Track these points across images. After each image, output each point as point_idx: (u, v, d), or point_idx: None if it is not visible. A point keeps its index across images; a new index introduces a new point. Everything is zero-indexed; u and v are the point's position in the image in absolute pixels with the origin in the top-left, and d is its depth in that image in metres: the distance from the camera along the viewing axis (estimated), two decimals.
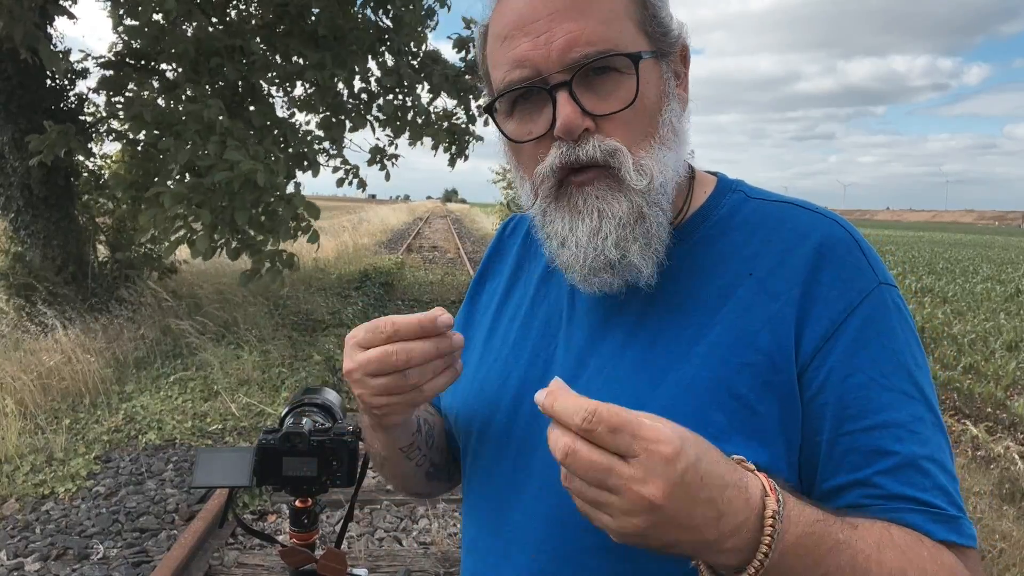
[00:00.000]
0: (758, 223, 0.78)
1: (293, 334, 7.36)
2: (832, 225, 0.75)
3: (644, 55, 0.72)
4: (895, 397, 0.68)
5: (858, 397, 0.68)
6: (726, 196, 0.82)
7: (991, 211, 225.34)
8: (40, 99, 6.95)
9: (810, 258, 0.73)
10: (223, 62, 6.77)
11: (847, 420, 0.68)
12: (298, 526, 1.03)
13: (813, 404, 0.70)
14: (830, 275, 0.72)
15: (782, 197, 0.82)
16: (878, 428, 0.68)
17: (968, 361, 7.59)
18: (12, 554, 3.30)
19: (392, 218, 36.48)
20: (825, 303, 0.71)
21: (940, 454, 0.68)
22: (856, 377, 0.69)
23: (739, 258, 0.76)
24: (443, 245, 22.82)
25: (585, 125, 0.71)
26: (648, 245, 0.73)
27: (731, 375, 0.71)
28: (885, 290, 0.72)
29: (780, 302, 0.72)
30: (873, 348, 0.70)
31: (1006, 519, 3.79)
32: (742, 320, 0.73)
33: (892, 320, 0.71)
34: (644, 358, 0.75)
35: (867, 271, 0.72)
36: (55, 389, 5.28)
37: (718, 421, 0.70)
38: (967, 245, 39.04)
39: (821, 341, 0.70)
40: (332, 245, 15.71)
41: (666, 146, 0.74)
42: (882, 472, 0.67)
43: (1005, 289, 15.15)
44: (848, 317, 0.70)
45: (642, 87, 0.72)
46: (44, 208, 7.17)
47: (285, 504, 3.78)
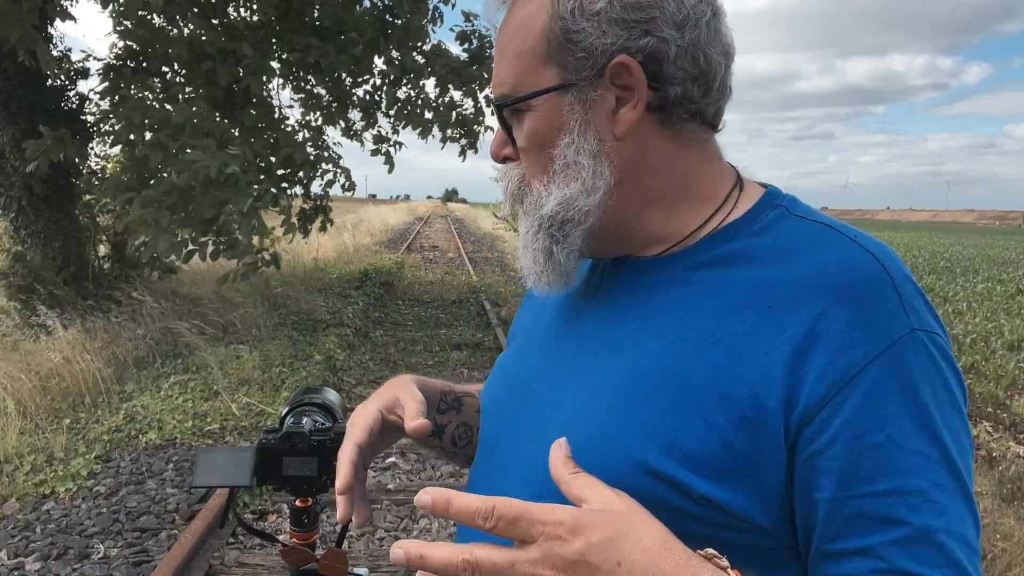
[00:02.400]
0: (787, 244, 0.72)
1: (293, 334, 7.36)
2: (864, 257, 0.67)
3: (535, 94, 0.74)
4: (914, 460, 0.61)
5: (872, 458, 0.61)
6: (766, 211, 0.75)
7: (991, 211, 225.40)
8: (41, 99, 6.95)
9: (829, 293, 0.65)
10: (215, 65, 6.77)
11: (858, 482, 0.61)
12: (299, 526, 1.03)
13: (817, 460, 0.63)
14: (849, 315, 0.64)
15: (826, 219, 0.74)
16: (891, 495, 0.61)
17: (968, 361, 7.59)
18: (12, 554, 3.30)
19: (392, 218, 36.50)
20: (840, 347, 0.63)
21: (960, 526, 0.61)
22: (872, 436, 0.61)
23: (758, 280, 0.70)
24: (443, 245, 22.82)
25: (504, 154, 0.79)
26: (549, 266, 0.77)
27: (712, 404, 0.66)
28: (919, 337, 0.64)
29: (784, 336, 0.65)
30: (894, 403, 0.62)
31: (1007, 519, 3.79)
32: (740, 347, 0.67)
33: (923, 372, 0.63)
34: (633, 366, 0.73)
35: (898, 314, 0.64)
36: (55, 389, 5.28)
37: (689, 447, 0.66)
38: (968, 245, 39.04)
39: (832, 391, 0.62)
40: (332, 245, 15.72)
41: (557, 180, 0.74)
42: (890, 543, 0.60)
43: (1006, 289, 15.15)
44: (867, 366, 0.62)
45: (533, 125, 0.75)
46: (45, 208, 7.18)
47: (285, 504, 3.78)
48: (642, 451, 0.67)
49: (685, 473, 0.65)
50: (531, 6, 0.74)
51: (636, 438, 0.68)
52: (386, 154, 9.03)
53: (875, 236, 0.73)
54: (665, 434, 0.67)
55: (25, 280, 7.09)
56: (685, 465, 0.65)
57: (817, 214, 0.76)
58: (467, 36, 8.73)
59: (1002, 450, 4.99)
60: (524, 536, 0.56)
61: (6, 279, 7.16)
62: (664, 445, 0.66)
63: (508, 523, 0.56)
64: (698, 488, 0.65)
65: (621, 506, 0.58)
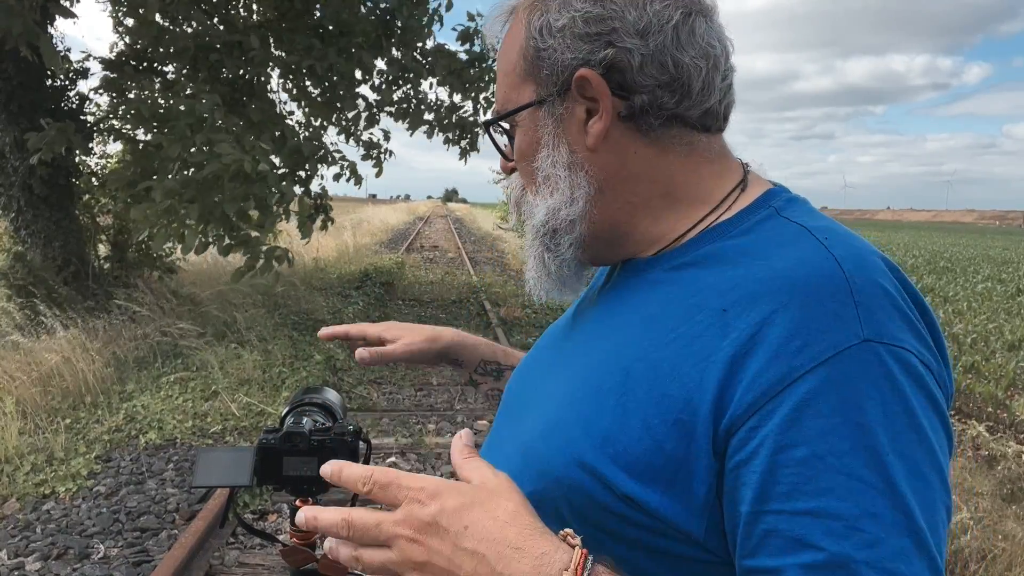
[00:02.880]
0: (758, 245, 0.70)
1: (293, 334, 7.36)
2: (824, 260, 0.63)
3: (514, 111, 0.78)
4: (843, 482, 0.55)
5: (793, 474, 0.56)
6: (757, 212, 0.74)
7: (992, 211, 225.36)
8: (41, 99, 6.95)
9: (777, 296, 0.62)
10: (221, 58, 6.79)
11: (775, 498, 0.57)
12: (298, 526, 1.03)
13: (740, 471, 0.59)
14: (793, 320, 0.60)
15: (810, 220, 0.70)
16: (809, 515, 0.55)
17: (968, 361, 7.59)
18: (12, 554, 3.30)
19: (392, 218, 36.50)
20: (777, 354, 0.59)
21: (895, 563, 0.54)
22: (797, 451, 0.56)
23: (720, 281, 0.68)
24: (444, 245, 22.83)
25: (510, 166, 0.84)
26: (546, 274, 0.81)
27: (650, 404, 0.65)
28: (872, 348, 0.58)
29: (727, 340, 0.62)
30: (828, 418, 0.56)
31: (1007, 519, 3.79)
32: (687, 349, 0.65)
33: (872, 388, 0.57)
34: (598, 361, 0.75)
35: (850, 322, 0.59)
36: (55, 389, 5.28)
37: (623, 444, 0.66)
38: (968, 245, 39.05)
39: (762, 399, 0.58)
40: (332, 245, 15.72)
41: (540, 192, 0.78)
42: (801, 567, 0.55)
43: (1006, 289, 15.16)
44: (804, 375, 0.57)
45: (518, 141, 0.80)
46: (45, 208, 7.17)
47: (285, 504, 3.78)
48: (580, 445, 0.69)
49: (614, 471, 0.66)
50: (516, 28, 0.78)
51: (578, 432, 0.70)
52: (376, 159, 9.05)
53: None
54: (603, 430, 0.68)
55: (25, 280, 7.09)
56: (616, 463, 0.66)
57: (809, 215, 0.72)
58: (469, 35, 8.73)
59: (1002, 450, 4.99)
60: (392, 500, 0.61)
61: (6, 279, 7.16)
62: (600, 441, 0.67)
63: (381, 488, 0.61)
64: (624, 487, 0.65)
65: (492, 483, 0.62)
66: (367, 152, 9.03)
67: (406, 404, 5.70)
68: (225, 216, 6.03)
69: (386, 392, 5.99)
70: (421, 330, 1.15)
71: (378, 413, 5.33)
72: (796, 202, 0.75)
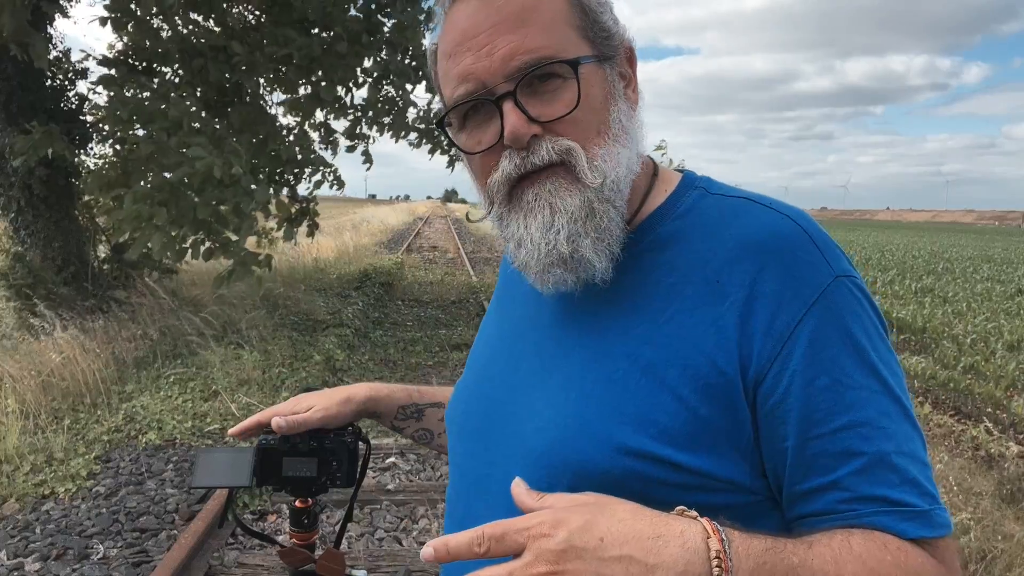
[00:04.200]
0: (713, 220, 0.77)
1: (293, 334, 7.36)
2: (781, 220, 0.73)
3: (585, 60, 0.74)
4: (860, 395, 0.67)
5: (824, 400, 0.67)
6: (687, 193, 0.81)
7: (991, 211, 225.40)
8: (40, 99, 6.95)
9: (757, 257, 0.71)
10: (206, 62, 6.75)
11: (814, 424, 0.67)
12: (298, 526, 1.03)
13: (777, 412, 0.68)
14: (779, 274, 0.70)
15: (742, 192, 0.80)
16: (845, 429, 0.67)
17: (968, 361, 7.59)
18: (12, 554, 3.30)
19: (392, 218, 36.49)
20: (777, 305, 0.69)
21: (908, 444, 0.68)
22: (820, 380, 0.67)
23: (692, 257, 0.75)
24: (443, 245, 22.82)
25: (532, 132, 0.73)
26: (600, 240, 0.74)
27: (675, 377, 0.70)
28: (843, 283, 0.70)
29: (726, 304, 0.71)
30: (834, 346, 0.68)
31: (1007, 519, 3.79)
32: (689, 321, 0.72)
33: (852, 313, 0.69)
34: (593, 357, 0.76)
35: (820, 265, 0.70)
36: (55, 389, 5.28)
37: (661, 422, 0.70)
38: (967, 245, 39.05)
39: (778, 346, 0.68)
40: (332, 245, 15.71)
41: (619, 143, 0.76)
42: (852, 473, 0.66)
43: (1006, 289, 15.16)
44: (804, 317, 0.68)
45: (586, 89, 0.73)
46: (44, 208, 7.17)
47: (285, 504, 3.78)
48: (618, 433, 0.71)
49: (662, 447, 0.69)
50: None
51: (609, 422, 0.72)
52: (365, 153, 8.98)
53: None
54: (637, 414, 0.71)
55: (25, 280, 7.09)
56: (660, 440, 0.69)
57: (734, 189, 0.81)
58: None
59: (1002, 450, 4.99)
60: (514, 547, 0.60)
61: (6, 279, 7.16)
62: (637, 424, 0.70)
63: (497, 540, 0.60)
64: (677, 459, 0.69)
65: (590, 498, 0.64)
66: (352, 144, 8.95)
67: None
68: (198, 220, 5.95)
69: None
70: (332, 395, 1.07)
71: None
72: (712, 181, 0.83)
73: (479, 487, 0.83)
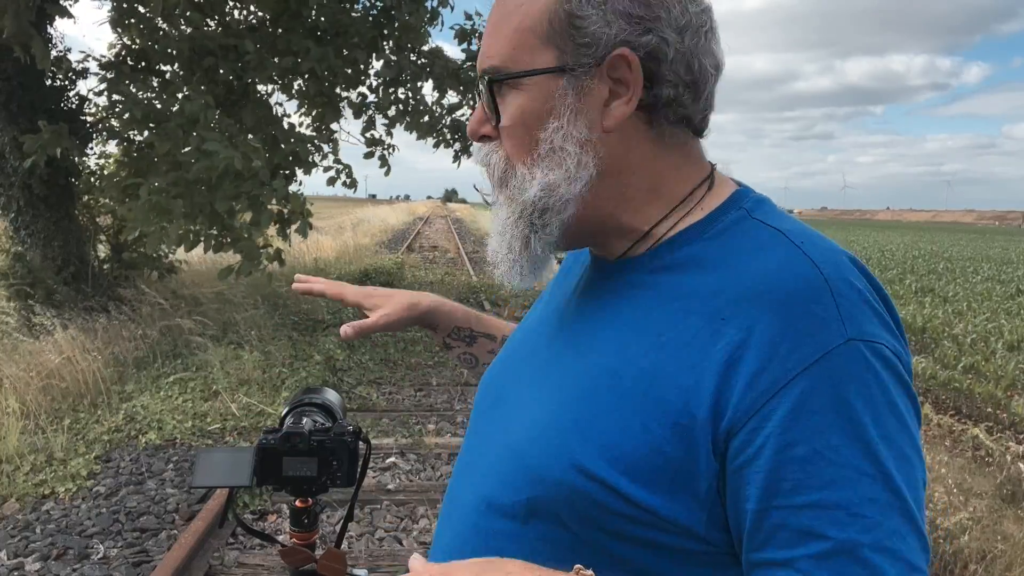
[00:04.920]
0: (738, 250, 0.71)
1: (293, 334, 7.36)
2: (803, 265, 0.66)
3: (529, 73, 0.73)
4: (842, 473, 0.59)
5: (796, 470, 0.60)
6: (727, 214, 0.75)
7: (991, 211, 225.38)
8: (41, 100, 6.95)
9: (764, 302, 0.65)
10: (217, 61, 6.77)
11: (781, 494, 0.60)
12: (298, 526, 1.03)
13: (744, 471, 0.62)
14: (782, 325, 0.63)
15: (783, 223, 0.72)
16: (814, 507, 0.59)
17: (968, 361, 7.59)
18: (12, 554, 3.30)
19: (392, 218, 36.48)
20: (769, 358, 0.62)
21: (893, 541, 0.58)
22: (797, 448, 0.60)
23: (704, 286, 0.70)
24: (443, 245, 22.82)
25: (482, 131, 0.78)
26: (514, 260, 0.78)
27: (649, 408, 0.67)
28: (856, 347, 0.62)
29: (719, 345, 0.65)
30: (823, 415, 0.60)
31: (1006, 520, 3.79)
32: (679, 353, 0.67)
33: (858, 382, 0.61)
34: (583, 366, 0.76)
35: (832, 323, 0.62)
36: (55, 389, 5.28)
37: (623, 450, 0.67)
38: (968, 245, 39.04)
39: (759, 402, 0.62)
40: (332, 245, 15.71)
41: (543, 164, 0.73)
42: (811, 557, 0.59)
43: (1006, 289, 15.16)
44: (797, 377, 0.61)
45: (521, 103, 0.74)
46: (44, 208, 7.17)
47: (285, 504, 3.78)
48: (579, 451, 0.70)
49: (615, 474, 0.67)
50: None
51: (574, 438, 0.71)
52: (381, 157, 9.00)
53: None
54: (602, 436, 0.69)
55: (25, 280, 7.09)
56: (617, 467, 0.67)
57: (779, 217, 0.74)
58: (466, 34, 8.71)
59: (1002, 450, 4.99)
60: None
61: (6, 279, 7.16)
62: (599, 446, 0.68)
63: None
64: (627, 490, 0.66)
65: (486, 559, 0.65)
66: (370, 151, 8.98)
67: (406, 404, 5.70)
68: (215, 212, 6.01)
69: (386, 392, 5.99)
70: (400, 299, 1.17)
71: (378, 413, 5.33)
72: (764, 203, 0.77)
73: (472, 466, 0.86)
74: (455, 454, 4.61)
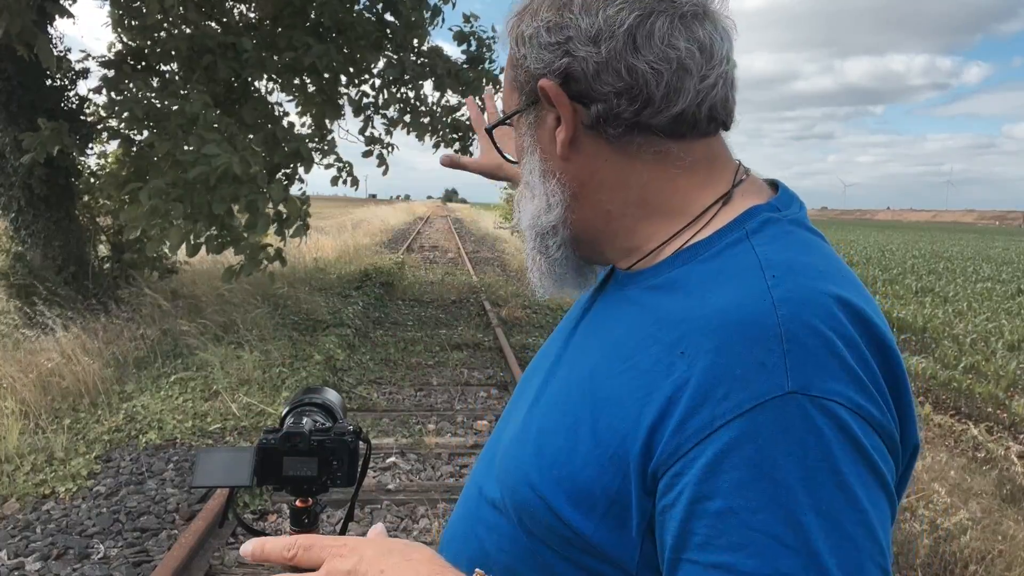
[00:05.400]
0: (713, 277, 0.66)
1: (293, 334, 7.36)
2: (761, 303, 0.60)
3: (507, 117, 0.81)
4: (756, 539, 0.54)
5: (707, 526, 0.56)
6: (731, 233, 0.70)
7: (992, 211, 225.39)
8: (41, 99, 6.95)
9: (712, 339, 0.60)
10: (216, 59, 6.78)
11: (691, 547, 0.57)
12: (298, 526, 1.03)
13: (665, 515, 0.59)
14: (721, 367, 0.58)
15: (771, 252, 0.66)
16: (719, 568, 0.55)
17: (968, 361, 7.59)
18: (13, 554, 3.30)
19: (392, 218, 36.50)
20: (701, 401, 0.58)
21: None
22: (712, 503, 0.55)
23: (673, 313, 0.66)
24: (444, 245, 22.82)
25: None
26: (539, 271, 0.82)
27: (600, 433, 0.65)
28: (794, 401, 0.55)
29: (668, 380, 0.61)
30: (747, 471, 0.55)
31: (1006, 519, 3.79)
32: (635, 382, 0.64)
33: (793, 441, 0.54)
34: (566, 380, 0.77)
35: (776, 372, 0.56)
36: (55, 389, 5.28)
37: (570, 472, 0.67)
38: (968, 245, 39.03)
39: (685, 446, 0.57)
40: (332, 245, 15.71)
41: (525, 196, 0.80)
42: None
43: (1006, 289, 15.16)
44: (724, 426, 0.56)
45: (513, 145, 0.82)
46: (45, 208, 7.18)
47: (285, 504, 3.78)
48: (532, 465, 0.71)
49: (557, 495, 0.67)
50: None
51: (533, 453, 0.72)
52: (379, 156, 9.00)
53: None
54: (553, 454, 0.69)
55: (25, 280, 7.09)
56: (559, 487, 0.67)
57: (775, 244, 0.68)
58: (465, 36, 8.72)
59: (1002, 450, 4.99)
60: (316, 560, 0.65)
61: (6, 279, 7.16)
62: (549, 464, 0.69)
63: (304, 550, 0.65)
64: (563, 513, 0.66)
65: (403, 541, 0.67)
66: (369, 149, 8.98)
67: (406, 404, 5.70)
68: (214, 214, 6.03)
69: (386, 392, 5.99)
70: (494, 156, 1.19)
71: (378, 413, 5.33)
72: (772, 224, 0.70)
73: (486, 453, 0.88)
74: (455, 454, 4.61)
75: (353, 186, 8.84)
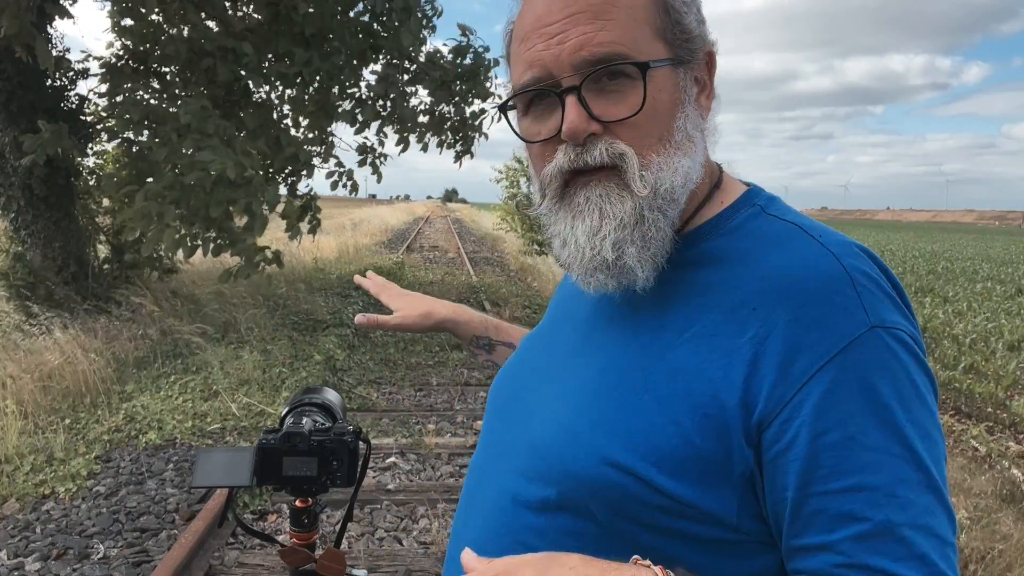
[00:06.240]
0: (756, 245, 0.73)
1: (294, 334, 7.36)
2: (822, 256, 0.69)
3: (656, 63, 0.71)
4: (875, 457, 0.62)
5: (831, 457, 0.62)
6: (741, 210, 0.77)
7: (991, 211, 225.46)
8: (41, 100, 6.95)
9: (787, 294, 0.67)
10: (215, 63, 6.77)
11: (818, 481, 0.63)
12: (298, 526, 1.03)
13: (780, 460, 0.64)
14: (806, 317, 0.65)
15: (797, 218, 0.75)
16: (851, 491, 0.62)
17: (969, 361, 7.59)
18: (12, 554, 3.30)
19: (392, 218, 36.47)
20: (797, 349, 0.64)
21: (926, 518, 0.61)
22: (831, 435, 0.62)
23: (725, 280, 0.72)
24: (443, 245, 22.82)
25: (591, 130, 0.72)
26: (645, 249, 0.72)
27: (677, 401, 0.68)
28: (878, 334, 0.64)
29: (745, 337, 0.67)
30: (853, 402, 0.63)
31: (1006, 519, 3.79)
32: (705, 347, 0.69)
33: (883, 368, 0.64)
34: (609, 363, 0.76)
35: (855, 312, 0.65)
36: (55, 389, 5.28)
37: (653, 443, 0.68)
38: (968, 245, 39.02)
39: (790, 393, 0.64)
40: (332, 245, 15.72)
41: (680, 151, 0.73)
42: (851, 539, 0.61)
43: (1006, 289, 15.15)
44: (825, 366, 0.63)
45: (652, 94, 0.71)
46: (44, 208, 7.17)
47: (285, 504, 3.78)
48: (606, 445, 0.70)
49: (646, 467, 0.68)
50: None
51: (602, 432, 0.71)
52: (372, 164, 8.99)
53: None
54: (630, 430, 0.70)
55: (25, 280, 7.09)
56: (647, 459, 0.68)
57: (792, 213, 0.77)
58: (462, 51, 8.64)
59: (1002, 450, 4.99)
60: None
61: (6, 279, 7.16)
62: (628, 439, 0.69)
63: None
64: (659, 482, 0.67)
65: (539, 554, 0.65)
66: (364, 159, 8.97)
67: (406, 404, 5.70)
68: (210, 217, 6.01)
69: (386, 392, 5.99)
70: (418, 304, 1.25)
71: (378, 413, 5.33)
72: (776, 200, 0.79)
73: (490, 464, 0.86)
74: (455, 454, 4.61)
75: (352, 192, 8.84)
